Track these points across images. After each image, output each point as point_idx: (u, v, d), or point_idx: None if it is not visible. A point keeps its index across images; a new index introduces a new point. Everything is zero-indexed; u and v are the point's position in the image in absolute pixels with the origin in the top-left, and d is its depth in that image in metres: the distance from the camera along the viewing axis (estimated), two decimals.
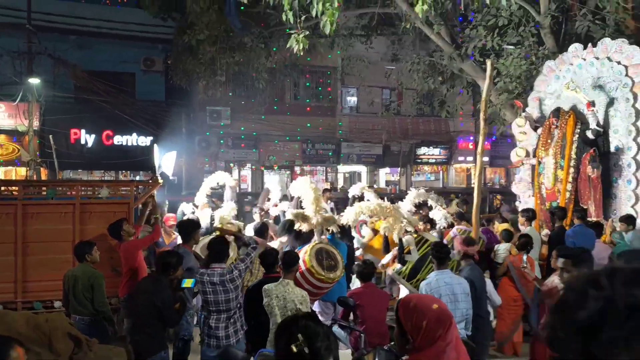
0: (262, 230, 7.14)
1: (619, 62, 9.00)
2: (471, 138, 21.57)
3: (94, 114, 17.41)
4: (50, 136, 15.01)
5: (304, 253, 5.98)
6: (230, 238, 5.85)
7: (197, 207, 8.95)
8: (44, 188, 7.17)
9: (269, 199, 9.66)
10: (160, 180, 7.60)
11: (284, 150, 20.01)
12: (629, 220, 7.93)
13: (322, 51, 16.73)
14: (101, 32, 18.16)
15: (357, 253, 8.37)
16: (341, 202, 11.84)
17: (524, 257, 6.78)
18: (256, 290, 5.00)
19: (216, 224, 7.54)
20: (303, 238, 6.74)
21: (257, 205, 9.26)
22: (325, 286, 6.03)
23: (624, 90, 8.89)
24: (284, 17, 9.53)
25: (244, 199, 14.62)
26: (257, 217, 8.61)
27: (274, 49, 14.44)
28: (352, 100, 21.63)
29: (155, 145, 8.63)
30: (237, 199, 10.23)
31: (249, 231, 7.46)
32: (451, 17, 13.63)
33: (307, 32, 9.28)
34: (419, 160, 22.08)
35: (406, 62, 14.65)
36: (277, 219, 9.32)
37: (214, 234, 6.31)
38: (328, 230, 7.03)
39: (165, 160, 8.50)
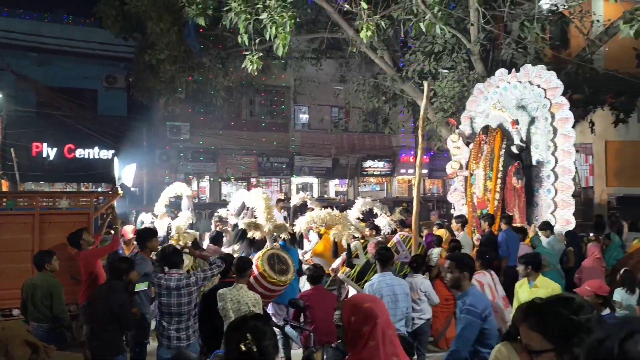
0: (217, 239, 7.03)
1: (538, 86, 9.39)
2: (412, 152, 21.98)
3: (56, 128, 16.73)
4: (12, 149, 14.32)
5: (257, 258, 5.92)
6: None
7: (156, 216, 8.72)
8: (4, 199, 6.83)
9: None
10: (120, 192, 7.36)
11: (240, 163, 19.82)
12: (547, 226, 8.25)
13: (276, 72, 16.74)
14: (63, 50, 17.54)
15: (307, 257, 8.36)
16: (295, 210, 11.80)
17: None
18: (211, 295, 4.90)
19: (173, 233, 7.37)
20: (257, 245, 6.69)
21: (215, 215, 9.11)
22: (278, 289, 5.98)
23: (543, 110, 9.27)
24: (239, 40, 9.51)
25: (205, 210, 14.43)
26: (214, 226, 8.47)
27: (231, 69, 14.35)
28: (304, 117, 21.71)
29: (115, 157, 8.35)
30: (196, 209, 10.04)
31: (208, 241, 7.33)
32: (393, 43, 13.93)
33: (261, 54, 9.30)
34: (365, 173, 22.34)
35: (353, 83, 14.83)
36: (235, 227, 9.18)
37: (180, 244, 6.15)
38: (280, 237, 7.00)
39: (126, 172, 8.25)
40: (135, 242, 7.26)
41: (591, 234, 8.93)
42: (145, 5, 12.14)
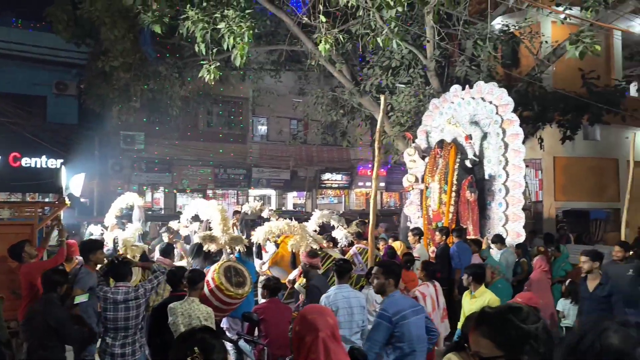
0: (167, 251, 6.84)
1: (490, 102, 9.70)
2: (370, 165, 22.22)
3: (1, 135, 15.97)
4: None
5: (213, 271, 5.81)
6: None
7: (106, 228, 8.41)
8: None
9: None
10: (68, 202, 7.06)
11: (196, 175, 19.48)
12: (498, 239, 8.48)
13: (234, 82, 16.64)
14: (11, 55, 16.83)
15: (264, 268, 8.30)
16: (253, 223, 11.66)
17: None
18: (162, 309, 4.73)
19: (120, 245, 7.13)
20: (212, 259, 6.57)
21: (166, 226, 8.89)
22: (235, 302, 5.88)
23: (495, 126, 9.58)
24: (197, 49, 9.39)
25: (160, 222, 14.06)
26: (165, 238, 8.24)
27: (188, 78, 14.14)
28: (263, 129, 21.63)
29: (63, 166, 8.02)
30: (148, 220, 9.76)
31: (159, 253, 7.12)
32: (352, 57, 14.11)
33: (219, 64, 9.20)
34: (323, 185, 22.42)
35: (312, 95, 14.91)
36: (187, 239, 8.99)
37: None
38: (236, 249, 6.90)
39: (74, 182, 7.94)
40: (79, 258, 6.97)
41: (540, 246, 9.24)
42: (99, 11, 11.80)
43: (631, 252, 7.43)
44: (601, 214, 14.67)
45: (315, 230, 8.27)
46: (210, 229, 6.88)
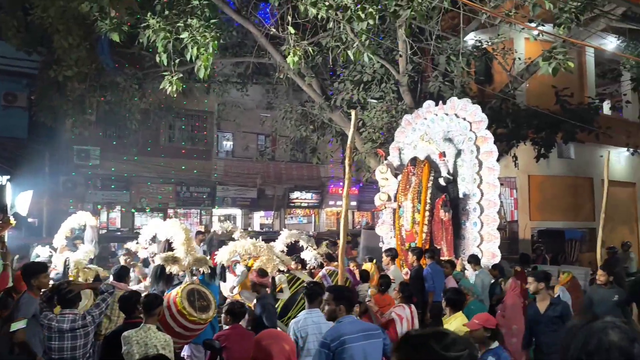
0: (122, 274, 6.63)
1: (464, 119, 9.90)
2: (341, 183, 22.29)
3: None
4: None
5: (175, 294, 5.70)
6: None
7: (55, 250, 8.13)
8: None
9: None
10: (13, 221, 6.79)
11: (157, 193, 19.12)
12: (474, 259, 8.57)
13: (198, 95, 16.52)
14: None
15: (235, 292, 8.22)
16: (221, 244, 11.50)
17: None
18: (115, 338, 4.56)
19: (72, 268, 6.90)
20: (173, 282, 6.44)
21: (124, 247, 8.67)
22: (198, 328, 5.78)
23: (469, 143, 9.75)
24: (158, 59, 9.31)
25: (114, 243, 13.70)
26: (122, 260, 8.02)
27: (149, 90, 13.96)
28: (228, 144, 21.50)
29: (8, 183, 7.74)
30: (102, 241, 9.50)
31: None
32: (322, 71, 14.22)
33: (182, 75, 9.13)
34: (292, 204, 22.34)
35: (280, 110, 14.94)
36: (145, 262, 8.77)
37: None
38: (199, 271, 6.78)
39: (20, 200, 7.66)
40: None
41: (516, 267, 9.37)
42: (52, 17, 11.54)
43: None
44: (577, 234, 15.02)
45: (282, 251, 8.20)
46: (171, 250, 6.74)
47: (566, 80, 13.01)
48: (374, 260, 9.60)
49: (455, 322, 5.29)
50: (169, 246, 7.16)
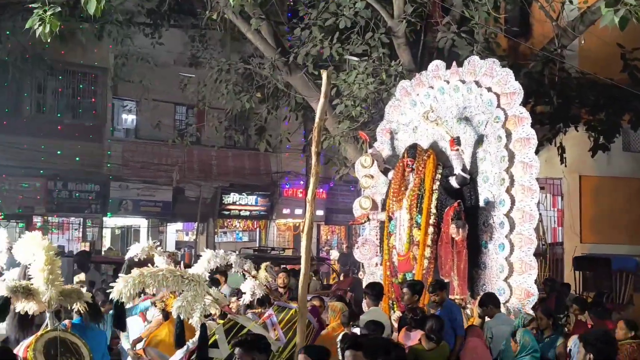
0: None
1: (489, 89, 9.90)
2: (301, 182, 22.33)
3: None
4: None
5: (26, 347, 5.69)
6: None
7: None
8: None
9: None
10: None
11: (17, 191, 18.80)
12: (489, 300, 8.59)
13: (85, 42, 16.26)
14: None
15: (139, 347, 8.22)
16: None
17: None
18: None
19: None
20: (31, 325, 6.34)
21: None
22: None
23: (495, 125, 9.75)
24: None
25: None
26: None
27: (7, 31, 13.71)
28: (130, 118, 21.29)
29: None
30: None
31: None
32: (277, 10, 14.13)
33: (59, 9, 8.93)
34: (227, 212, 22.26)
35: (211, 68, 14.81)
36: None
37: None
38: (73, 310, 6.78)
39: None
40: None
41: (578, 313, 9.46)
42: None
43: None
44: (630, 263, 15.00)
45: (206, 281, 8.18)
46: (29, 278, 6.67)
47: (639, 38, 13.22)
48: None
49: None
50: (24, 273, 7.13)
